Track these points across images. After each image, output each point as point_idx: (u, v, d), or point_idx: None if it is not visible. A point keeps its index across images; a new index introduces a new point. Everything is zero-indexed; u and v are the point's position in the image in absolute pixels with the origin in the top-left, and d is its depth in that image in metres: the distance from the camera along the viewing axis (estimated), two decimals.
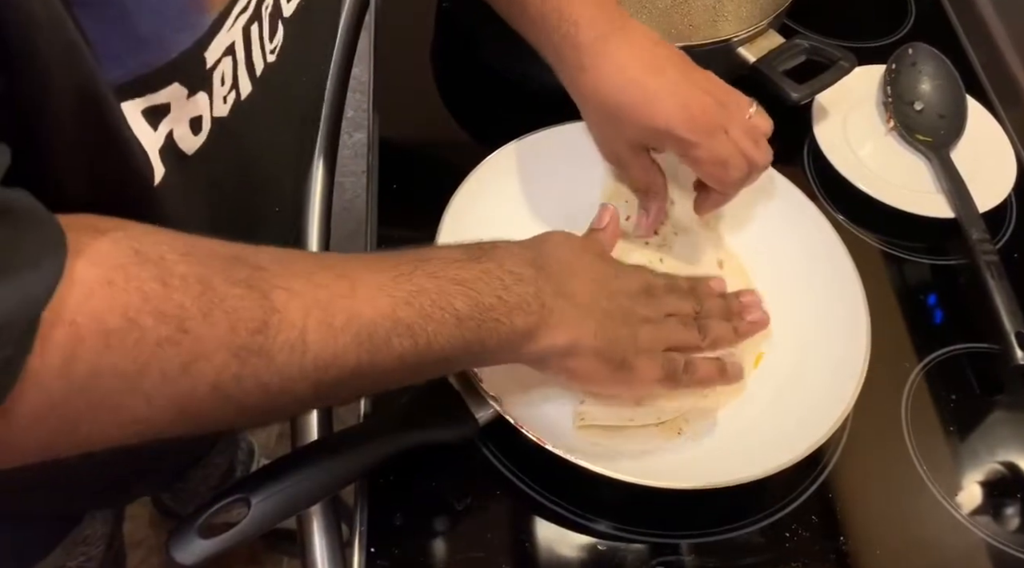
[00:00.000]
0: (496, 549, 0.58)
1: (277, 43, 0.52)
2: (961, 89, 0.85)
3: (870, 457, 0.65)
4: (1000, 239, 0.79)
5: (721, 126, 0.62)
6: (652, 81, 0.62)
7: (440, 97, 0.84)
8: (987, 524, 0.63)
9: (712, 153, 0.62)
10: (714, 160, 0.63)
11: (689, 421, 0.63)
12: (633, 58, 0.63)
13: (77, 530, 0.75)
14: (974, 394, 0.70)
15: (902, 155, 0.83)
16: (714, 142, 0.62)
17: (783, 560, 0.60)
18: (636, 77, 0.62)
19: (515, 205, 0.71)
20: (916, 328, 0.73)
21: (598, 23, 0.63)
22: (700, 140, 0.62)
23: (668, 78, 0.63)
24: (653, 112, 0.62)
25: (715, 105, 0.63)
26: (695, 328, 0.61)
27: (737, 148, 0.63)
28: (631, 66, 0.63)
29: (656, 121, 0.62)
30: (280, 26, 0.52)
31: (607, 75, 0.63)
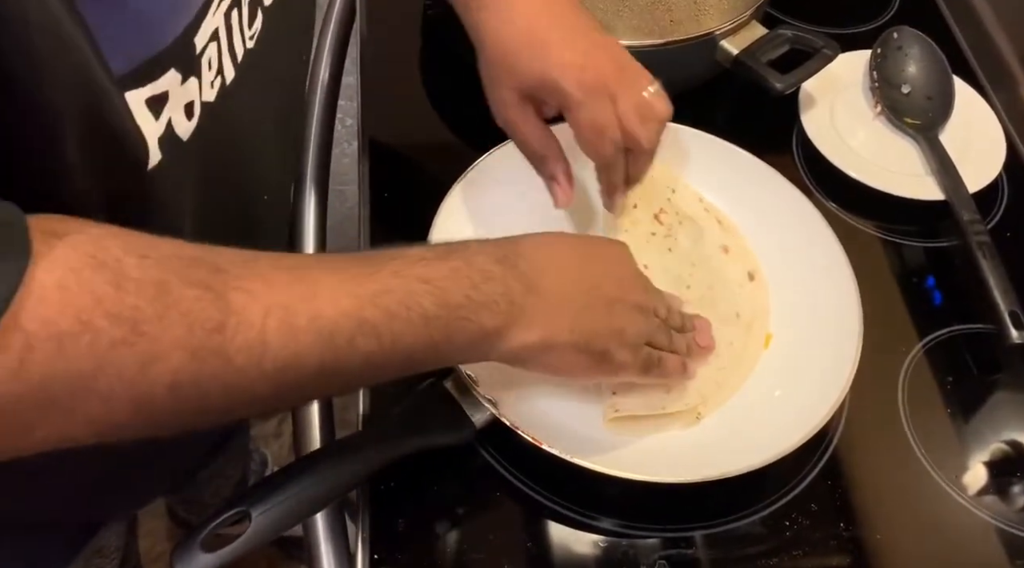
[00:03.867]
0: (498, 551, 0.59)
1: (256, 30, 0.52)
2: (948, 70, 0.85)
3: (868, 442, 0.66)
4: (992, 219, 0.79)
5: (610, 92, 0.60)
6: (553, 31, 0.61)
7: (429, 103, 0.85)
8: (987, 504, 0.64)
9: (592, 117, 0.60)
10: (592, 124, 0.61)
11: (707, 405, 0.64)
12: (540, 7, 0.61)
13: (93, 541, 0.75)
14: (971, 375, 0.70)
15: (891, 139, 0.83)
16: (597, 105, 0.60)
17: (784, 549, 0.60)
18: (537, 24, 0.61)
19: (506, 208, 0.71)
20: (910, 311, 0.73)
21: None
22: (584, 99, 0.60)
23: (569, 32, 0.61)
24: (546, 60, 0.60)
25: (612, 69, 0.61)
26: (669, 332, 0.61)
27: (618, 119, 0.61)
28: (533, 12, 0.61)
29: (547, 69, 0.60)
30: (259, 13, 0.52)
31: (507, 18, 0.61)
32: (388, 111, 0.83)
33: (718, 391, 0.65)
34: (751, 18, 0.79)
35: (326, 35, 0.87)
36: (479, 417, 0.59)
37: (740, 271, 0.71)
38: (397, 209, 0.75)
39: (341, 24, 0.88)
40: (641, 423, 0.62)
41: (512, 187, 0.72)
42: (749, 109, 0.84)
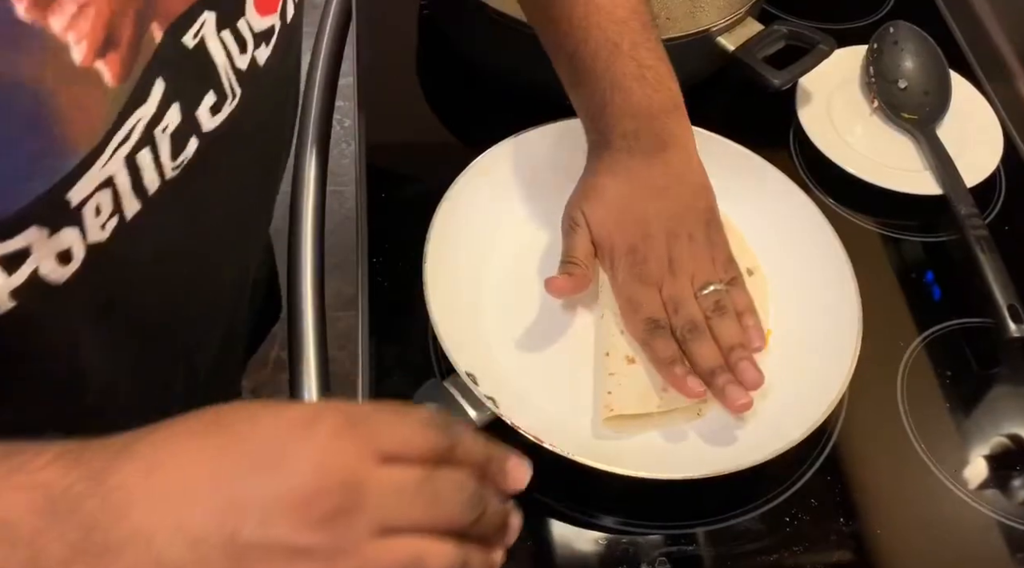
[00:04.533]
0: None
1: (185, 158, 0.48)
2: (944, 65, 0.85)
3: (868, 437, 0.66)
4: (990, 213, 0.79)
5: (656, 281, 0.64)
6: (633, 209, 0.64)
7: (426, 102, 0.85)
8: (987, 498, 0.64)
9: (628, 292, 0.64)
10: (627, 299, 0.64)
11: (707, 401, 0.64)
12: (639, 184, 0.64)
13: None
14: (970, 369, 0.70)
15: (888, 134, 0.83)
16: (637, 286, 0.64)
17: (784, 545, 0.60)
18: (626, 197, 0.64)
19: (503, 206, 0.72)
20: (909, 306, 0.73)
21: (632, 139, 0.64)
22: (627, 279, 0.64)
23: (647, 215, 0.64)
24: (612, 231, 0.64)
25: (663, 263, 0.64)
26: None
27: (657, 301, 0.63)
28: (631, 188, 0.64)
29: (609, 238, 0.64)
30: (194, 140, 0.48)
31: (612, 178, 0.65)
32: (385, 111, 0.83)
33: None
34: (747, 14, 0.79)
35: (322, 36, 0.87)
36: (480, 416, 0.59)
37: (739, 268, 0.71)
38: (396, 209, 0.75)
39: (337, 25, 0.88)
40: (639, 420, 0.63)
41: (509, 185, 0.72)
42: (746, 105, 0.84)
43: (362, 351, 0.66)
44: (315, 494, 0.37)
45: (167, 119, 0.46)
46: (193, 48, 0.46)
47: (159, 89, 0.45)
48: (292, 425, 0.38)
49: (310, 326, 0.69)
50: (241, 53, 0.50)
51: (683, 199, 0.65)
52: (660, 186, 0.64)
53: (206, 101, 0.48)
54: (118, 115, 0.42)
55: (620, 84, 0.63)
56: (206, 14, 0.46)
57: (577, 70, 0.65)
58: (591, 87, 0.64)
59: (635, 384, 0.63)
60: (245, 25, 0.50)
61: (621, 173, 0.65)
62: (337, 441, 0.38)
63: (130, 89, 0.43)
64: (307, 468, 0.37)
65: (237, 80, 0.50)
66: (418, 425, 0.40)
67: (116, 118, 0.42)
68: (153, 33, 0.43)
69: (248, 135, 0.54)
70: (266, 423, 0.39)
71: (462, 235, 0.69)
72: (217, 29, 0.48)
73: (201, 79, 0.48)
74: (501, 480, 0.43)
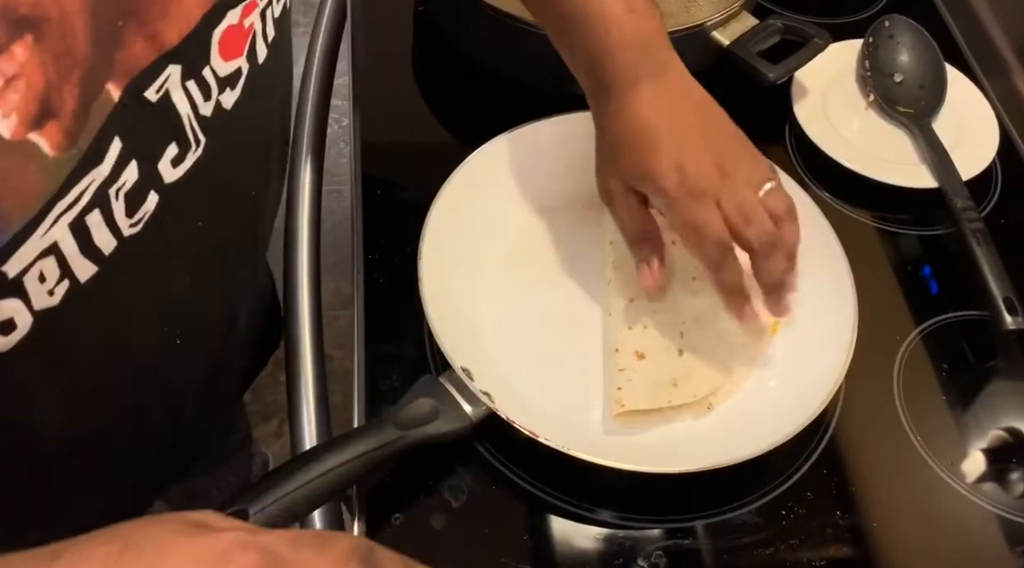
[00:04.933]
0: (494, 544, 0.59)
1: (145, 213, 0.47)
2: (940, 58, 0.85)
3: (864, 430, 0.66)
4: (986, 206, 0.79)
5: (711, 194, 0.59)
6: (662, 131, 0.61)
7: (422, 99, 0.85)
8: (983, 490, 0.64)
9: (688, 216, 0.59)
10: (687, 223, 0.60)
11: (718, 395, 0.64)
12: (655, 106, 0.62)
13: None
14: (966, 362, 0.70)
15: (884, 128, 0.83)
16: (695, 206, 0.59)
17: (781, 538, 0.60)
18: (648, 123, 0.61)
19: (498, 201, 0.72)
20: (905, 299, 0.73)
21: (635, 67, 0.62)
22: (681, 199, 0.59)
23: (679, 131, 0.61)
24: (648, 158, 0.60)
25: (713, 172, 0.60)
26: None
27: (720, 219, 0.59)
28: (649, 112, 0.61)
29: (646, 167, 0.60)
30: (153, 194, 0.47)
31: (625, 116, 0.62)
32: (381, 109, 0.83)
33: (728, 380, 0.65)
34: (741, 9, 0.80)
35: (318, 35, 0.87)
36: (475, 411, 0.59)
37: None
38: (392, 207, 0.75)
39: (332, 24, 0.88)
40: (650, 416, 0.63)
41: (504, 181, 0.72)
42: (741, 100, 0.83)
43: (358, 347, 0.67)
44: None
45: (123, 177, 0.45)
46: (156, 102, 0.45)
47: (115, 149, 0.43)
48: (203, 564, 0.36)
49: (306, 325, 0.69)
50: (205, 100, 0.49)
51: (702, 109, 0.63)
52: (673, 103, 0.62)
53: (167, 153, 0.47)
54: (64, 182, 0.41)
55: (613, 20, 0.62)
56: (171, 68, 0.45)
57: (565, 16, 0.64)
58: (583, 30, 0.63)
59: (645, 380, 0.63)
60: (210, 72, 0.48)
61: (632, 106, 0.62)
62: None
63: (78, 155, 0.41)
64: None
65: (201, 128, 0.49)
66: (339, 560, 0.38)
67: (60, 186, 0.41)
68: (109, 93, 0.42)
69: (217, 181, 0.52)
70: (179, 559, 0.36)
71: (458, 231, 0.69)
72: (182, 80, 0.46)
73: (163, 132, 0.47)
74: None
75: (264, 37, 0.52)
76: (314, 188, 0.77)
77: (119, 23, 0.42)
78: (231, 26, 0.48)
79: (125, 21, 0.42)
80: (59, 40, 0.39)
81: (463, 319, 0.65)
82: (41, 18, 0.38)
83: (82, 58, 0.40)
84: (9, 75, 0.37)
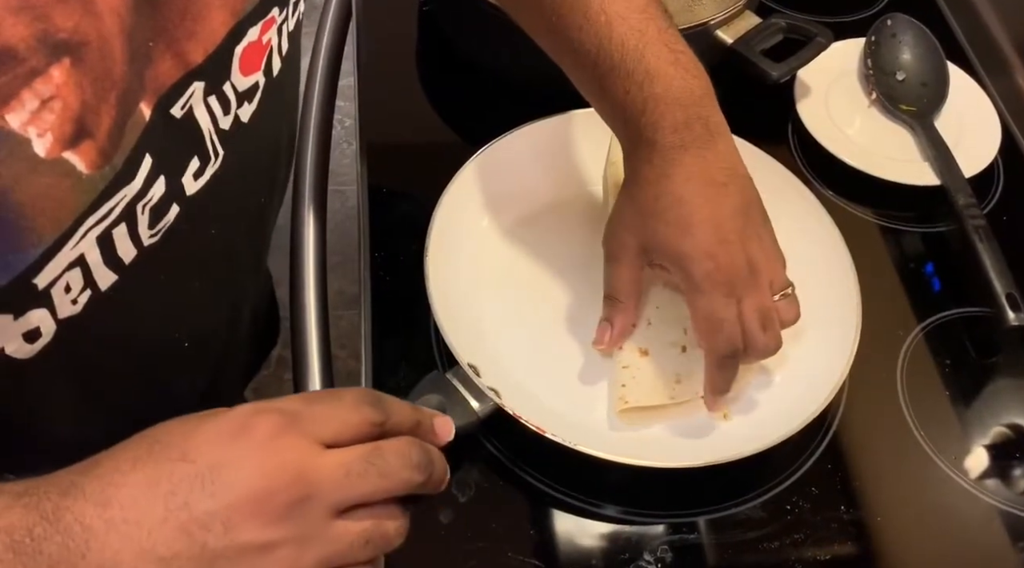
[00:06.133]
0: (502, 539, 0.59)
1: (166, 224, 0.48)
2: (942, 57, 0.85)
3: (868, 426, 0.66)
4: (989, 203, 0.79)
5: (736, 290, 0.57)
6: (702, 210, 0.57)
7: (427, 99, 0.85)
8: (987, 485, 0.64)
9: (709, 308, 0.57)
10: (707, 316, 0.58)
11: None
12: (700, 181, 0.58)
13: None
14: (968, 358, 0.70)
15: (886, 126, 0.83)
16: (719, 300, 0.57)
17: (785, 532, 0.60)
18: (690, 200, 0.57)
19: (504, 199, 0.72)
20: (908, 296, 0.73)
21: (684, 130, 0.58)
22: (707, 289, 0.57)
23: (718, 214, 0.57)
24: (683, 239, 0.57)
25: (744, 268, 0.57)
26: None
27: (739, 319, 0.57)
28: (693, 188, 0.58)
29: (679, 246, 0.57)
30: (175, 207, 0.48)
31: (664, 183, 0.58)
32: (386, 109, 0.83)
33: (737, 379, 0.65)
34: (744, 8, 0.80)
35: (322, 35, 0.88)
36: (482, 407, 0.60)
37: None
38: (397, 205, 0.76)
39: (337, 25, 0.88)
40: (653, 412, 0.63)
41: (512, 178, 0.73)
42: (745, 99, 0.83)
43: (365, 345, 0.67)
44: (268, 492, 0.39)
45: (152, 193, 0.46)
46: (181, 118, 0.46)
47: (147, 165, 0.44)
48: (226, 435, 0.40)
49: (313, 324, 0.69)
50: (225, 114, 0.50)
51: (744, 193, 0.59)
52: (721, 182, 0.58)
53: (191, 168, 0.48)
54: (97, 198, 0.42)
55: (658, 72, 0.57)
56: (195, 84, 0.46)
57: (603, 68, 0.59)
58: (624, 83, 0.58)
59: (648, 376, 0.63)
60: (230, 87, 0.49)
61: (678, 173, 0.58)
62: (276, 441, 0.40)
63: (112, 173, 0.42)
64: (254, 472, 0.39)
65: (220, 141, 0.50)
66: (351, 406, 0.43)
67: (92, 202, 0.42)
68: (142, 112, 0.43)
69: (232, 191, 0.53)
70: (201, 439, 0.40)
71: (464, 229, 0.69)
72: (204, 96, 0.47)
73: (186, 147, 0.48)
74: (432, 438, 0.48)
75: (279, 51, 0.53)
76: (319, 188, 0.78)
77: (150, 43, 0.43)
78: (251, 43, 0.49)
79: (155, 41, 0.43)
80: (98, 63, 0.40)
81: (469, 316, 0.66)
82: (80, 42, 0.38)
83: (119, 79, 0.41)
84: (46, 96, 0.38)
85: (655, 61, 0.58)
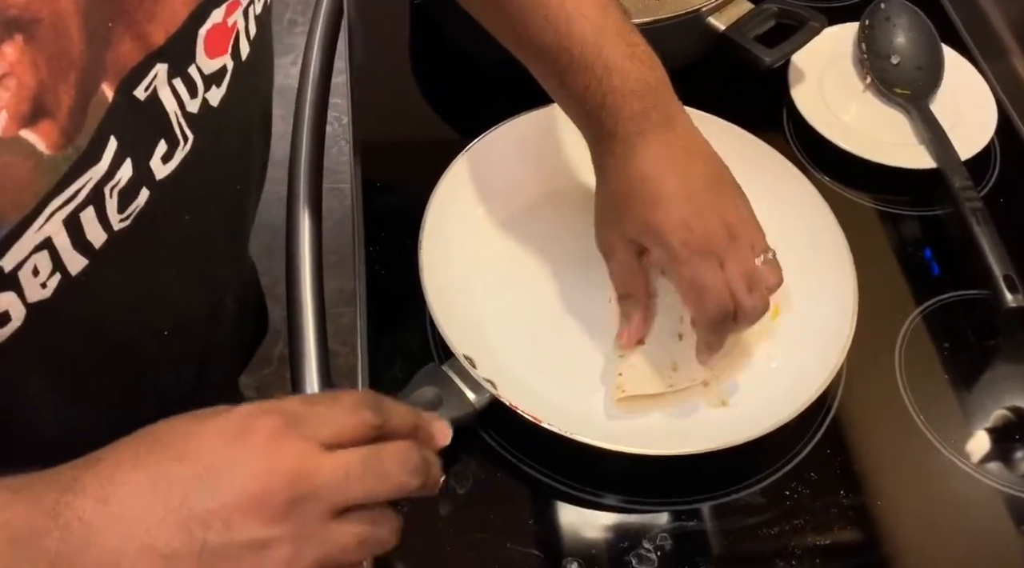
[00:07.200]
0: (500, 530, 0.59)
1: (136, 208, 0.48)
2: (936, 40, 0.85)
3: (867, 410, 0.66)
4: (985, 185, 0.79)
5: (717, 254, 0.58)
6: (670, 184, 0.59)
7: (420, 93, 0.85)
8: (986, 467, 0.64)
9: (694, 276, 0.58)
10: (693, 284, 0.59)
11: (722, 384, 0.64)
12: (663, 159, 0.60)
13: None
14: (967, 340, 0.70)
15: (881, 110, 0.83)
16: (701, 266, 0.58)
17: (785, 518, 0.60)
18: (656, 177, 0.59)
19: (498, 191, 0.72)
20: (905, 280, 0.73)
21: (642, 118, 0.60)
22: (688, 258, 0.58)
23: (688, 187, 0.59)
24: (655, 213, 0.59)
25: (722, 232, 0.59)
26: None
27: (725, 283, 0.58)
28: (657, 165, 0.60)
29: (652, 221, 0.59)
30: (144, 190, 0.48)
31: (631, 168, 0.60)
32: (379, 104, 0.83)
33: (728, 365, 0.65)
34: None
35: (314, 33, 0.87)
36: (478, 399, 0.60)
37: None
38: (392, 199, 0.76)
39: (329, 22, 0.88)
40: (650, 401, 0.63)
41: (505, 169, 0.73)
42: (739, 86, 0.84)
43: (361, 339, 0.67)
44: (268, 492, 0.40)
45: (119, 175, 0.45)
46: (145, 100, 0.46)
47: (112, 147, 0.44)
48: (227, 436, 0.41)
49: (310, 322, 0.69)
50: (192, 98, 0.50)
51: (712, 166, 0.61)
52: (684, 158, 0.60)
53: (158, 151, 0.48)
54: (61, 179, 0.42)
55: (616, 66, 0.60)
56: (158, 66, 0.46)
57: (563, 63, 0.61)
58: (584, 77, 0.60)
59: (645, 365, 0.63)
60: (195, 70, 0.49)
61: (639, 159, 0.60)
62: (277, 442, 0.41)
63: (76, 154, 0.42)
64: (254, 472, 0.40)
65: (188, 125, 0.50)
66: (351, 409, 0.44)
67: (57, 184, 0.42)
68: (104, 93, 0.43)
69: (204, 176, 0.53)
70: (202, 438, 0.41)
71: (458, 221, 0.69)
72: (168, 78, 0.47)
73: (152, 130, 0.47)
74: (429, 442, 0.48)
75: (247, 34, 0.53)
76: (314, 186, 0.78)
77: (109, 24, 0.42)
78: (215, 25, 0.49)
79: (115, 22, 0.43)
80: (52, 41, 0.39)
81: (464, 308, 0.66)
82: (31, 19, 0.38)
83: (77, 58, 0.41)
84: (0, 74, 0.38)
85: (613, 55, 0.60)
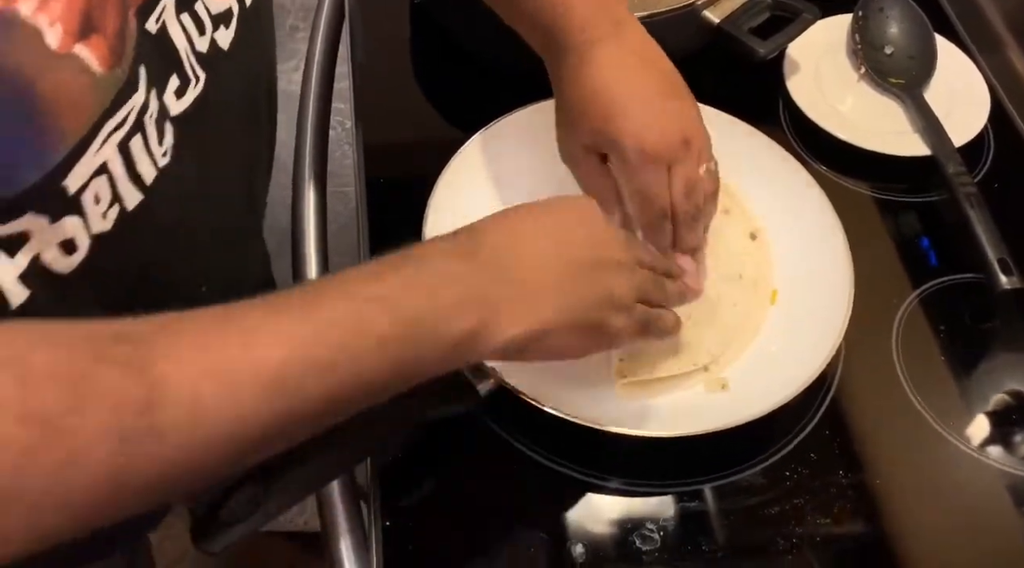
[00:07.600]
0: (509, 516, 0.61)
1: (168, 145, 0.49)
2: (929, 29, 0.86)
3: (865, 391, 0.67)
4: (979, 171, 0.80)
5: (667, 161, 0.61)
6: (624, 92, 0.61)
7: (422, 92, 0.86)
8: (983, 447, 0.65)
9: (641, 183, 0.61)
10: (639, 189, 0.62)
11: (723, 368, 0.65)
12: (616, 66, 0.62)
13: None
14: (963, 323, 0.71)
15: (876, 99, 0.84)
16: (650, 173, 0.61)
17: (785, 498, 0.61)
18: (610, 85, 0.61)
19: (498, 185, 0.73)
20: (902, 265, 0.74)
21: (591, 27, 0.62)
22: (641, 166, 0.61)
23: (641, 94, 0.62)
24: (611, 120, 0.61)
25: (676, 138, 0.61)
26: (659, 281, 0.59)
27: (667, 189, 0.61)
28: (610, 74, 0.62)
29: (609, 128, 0.61)
30: (169, 126, 0.49)
31: (585, 78, 0.62)
32: (382, 104, 0.84)
33: (727, 349, 0.66)
34: None
35: (316, 36, 0.88)
36: (483, 386, 0.61)
37: (742, 232, 0.72)
38: (396, 199, 0.76)
39: (331, 25, 0.89)
40: (652, 385, 0.64)
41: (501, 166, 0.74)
42: (734, 78, 0.85)
43: None
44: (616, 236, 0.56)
45: (152, 107, 0.47)
46: (156, 33, 0.47)
47: (143, 77, 0.46)
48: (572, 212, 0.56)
49: None
50: (200, 35, 0.51)
51: (664, 74, 0.63)
52: (634, 63, 0.62)
53: (171, 85, 0.49)
54: (112, 101, 0.43)
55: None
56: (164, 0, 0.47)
57: None
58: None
59: (647, 350, 0.64)
60: (202, 7, 0.51)
61: (592, 68, 0.62)
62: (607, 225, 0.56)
63: (123, 77, 0.43)
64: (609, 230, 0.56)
65: (199, 63, 0.51)
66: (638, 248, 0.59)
67: (110, 105, 0.43)
68: (131, 22, 0.44)
69: (217, 120, 0.54)
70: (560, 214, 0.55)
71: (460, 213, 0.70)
72: (176, 12, 0.49)
73: (166, 63, 0.49)
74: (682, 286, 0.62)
75: None
76: (319, 190, 0.79)
77: None
78: None
79: None
80: None
81: None
82: None
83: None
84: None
85: None
